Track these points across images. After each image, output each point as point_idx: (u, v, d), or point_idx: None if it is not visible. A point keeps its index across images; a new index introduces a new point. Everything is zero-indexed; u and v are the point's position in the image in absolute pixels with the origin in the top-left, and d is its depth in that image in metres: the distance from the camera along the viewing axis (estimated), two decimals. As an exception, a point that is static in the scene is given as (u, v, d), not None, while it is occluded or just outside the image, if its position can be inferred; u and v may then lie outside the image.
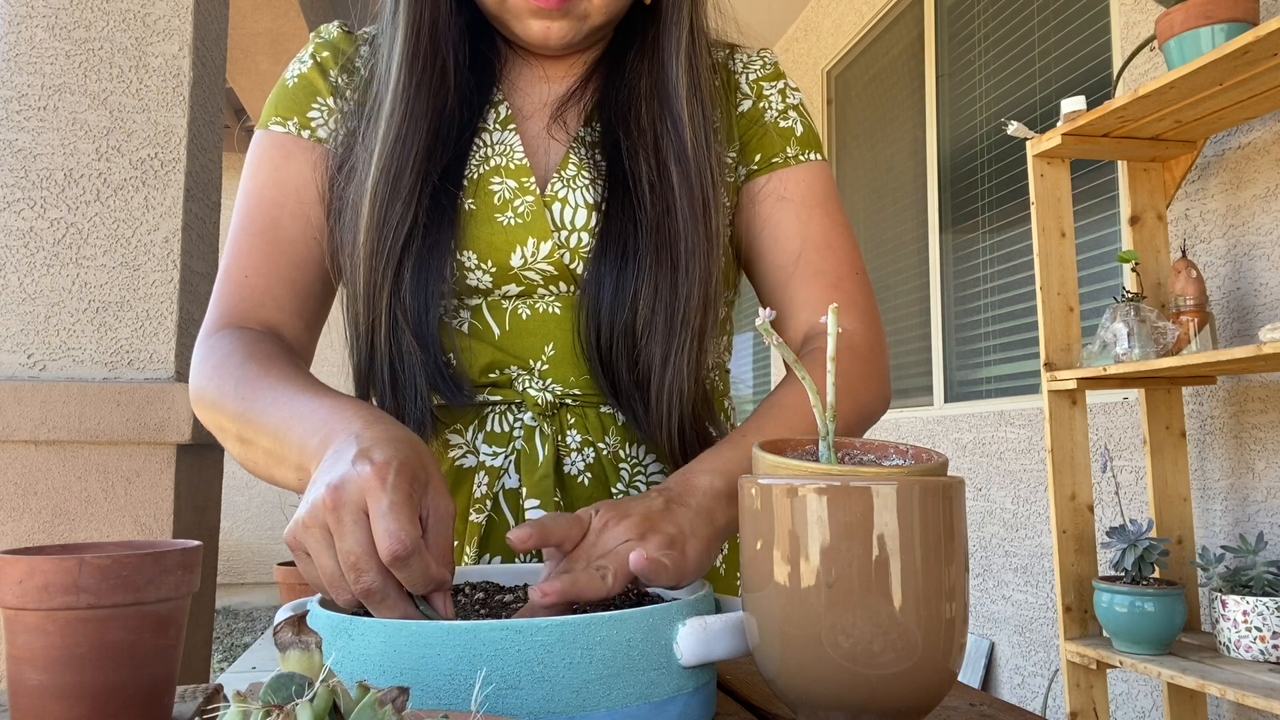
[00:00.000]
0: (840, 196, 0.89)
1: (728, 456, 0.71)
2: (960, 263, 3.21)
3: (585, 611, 0.55)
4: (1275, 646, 1.66)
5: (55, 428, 1.64)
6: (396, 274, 0.76)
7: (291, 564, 5.56)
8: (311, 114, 0.84)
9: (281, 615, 0.53)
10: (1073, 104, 2.01)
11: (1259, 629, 1.67)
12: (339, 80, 0.85)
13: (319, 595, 0.57)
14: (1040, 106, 2.79)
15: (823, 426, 0.52)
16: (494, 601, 0.60)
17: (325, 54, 0.86)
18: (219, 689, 0.61)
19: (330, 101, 0.85)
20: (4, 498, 1.65)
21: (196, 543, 0.53)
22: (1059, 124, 2.03)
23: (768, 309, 0.50)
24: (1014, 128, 2.08)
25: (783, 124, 0.88)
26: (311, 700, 0.33)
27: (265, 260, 0.81)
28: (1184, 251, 2.03)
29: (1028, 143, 2.10)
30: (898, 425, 3.49)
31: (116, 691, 0.49)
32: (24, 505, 1.66)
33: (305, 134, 0.84)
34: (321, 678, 0.34)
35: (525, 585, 0.66)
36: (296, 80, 0.86)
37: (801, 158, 0.87)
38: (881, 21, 3.83)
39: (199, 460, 1.83)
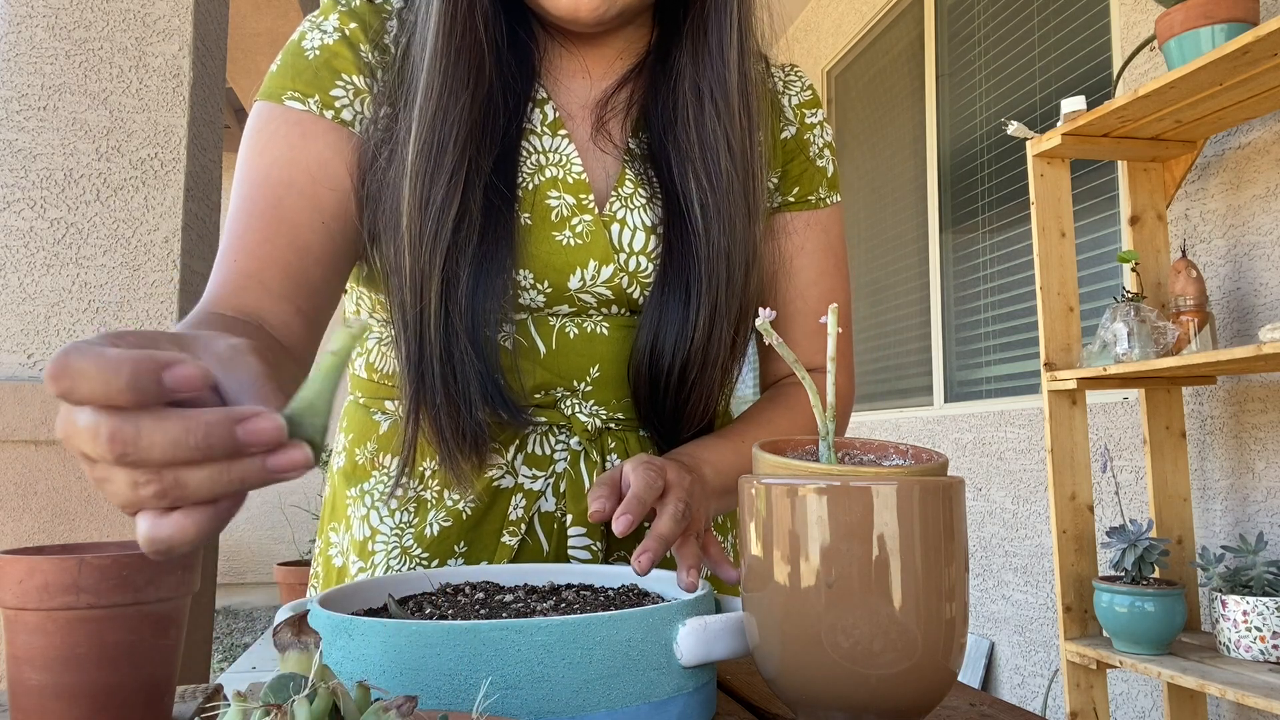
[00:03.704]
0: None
1: (730, 462, 0.77)
2: (960, 263, 3.21)
3: (581, 611, 0.55)
4: (1275, 646, 1.66)
5: (55, 428, 1.64)
6: (446, 260, 0.72)
7: (291, 564, 5.56)
8: (335, 92, 0.77)
9: (281, 615, 0.53)
10: (1073, 104, 2.01)
11: (1259, 629, 1.67)
12: (371, 57, 0.78)
13: (319, 595, 0.57)
14: (1040, 106, 2.79)
15: (823, 427, 0.52)
16: (494, 601, 0.60)
17: (353, 26, 0.79)
18: (219, 689, 0.61)
19: (358, 80, 0.78)
20: (4, 498, 1.65)
21: (196, 543, 0.53)
22: (1059, 124, 2.02)
23: (768, 309, 0.50)
24: (1014, 128, 2.08)
25: (819, 163, 0.90)
26: (309, 697, 0.33)
27: (260, 242, 0.74)
28: (1184, 251, 2.03)
29: (1028, 143, 2.10)
30: (898, 425, 3.49)
31: (116, 691, 0.49)
32: (24, 505, 1.65)
33: (329, 114, 0.76)
34: (321, 678, 0.34)
35: (525, 585, 0.66)
36: (319, 52, 0.78)
37: (828, 201, 0.90)
38: (881, 21, 3.83)
39: (199, 460, 1.83)
